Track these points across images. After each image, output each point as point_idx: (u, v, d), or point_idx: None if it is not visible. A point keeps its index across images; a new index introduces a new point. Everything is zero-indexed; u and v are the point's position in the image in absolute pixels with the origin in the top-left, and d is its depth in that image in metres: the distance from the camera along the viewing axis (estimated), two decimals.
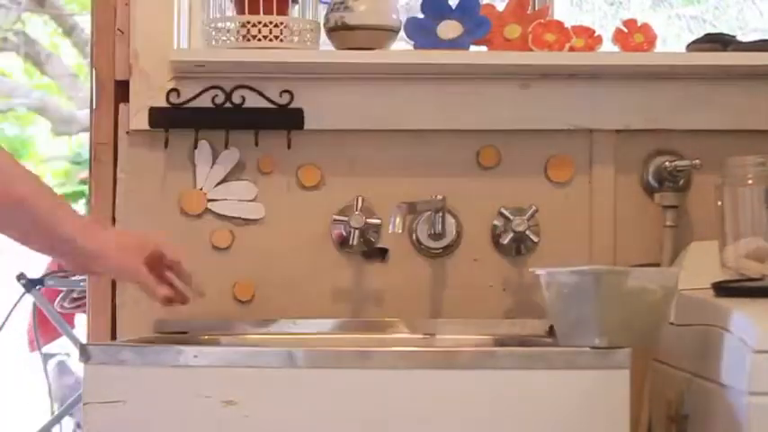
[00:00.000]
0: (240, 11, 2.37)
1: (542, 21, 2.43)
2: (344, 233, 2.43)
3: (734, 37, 2.48)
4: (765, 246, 2.10)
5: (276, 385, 1.80)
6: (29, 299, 4.11)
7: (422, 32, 2.43)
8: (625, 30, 2.45)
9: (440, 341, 2.35)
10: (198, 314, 2.32)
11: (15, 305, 4.09)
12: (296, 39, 2.38)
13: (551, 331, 2.23)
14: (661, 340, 1.92)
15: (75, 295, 4.23)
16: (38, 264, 4.61)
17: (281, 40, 2.36)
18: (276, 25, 2.35)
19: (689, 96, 2.46)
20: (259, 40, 2.35)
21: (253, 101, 2.44)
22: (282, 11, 2.37)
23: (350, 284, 2.47)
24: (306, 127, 2.45)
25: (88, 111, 2.44)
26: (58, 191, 4.14)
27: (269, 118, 2.44)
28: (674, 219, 2.43)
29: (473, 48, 2.44)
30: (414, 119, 2.46)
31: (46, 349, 4.59)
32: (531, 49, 2.41)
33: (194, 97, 2.44)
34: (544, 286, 1.92)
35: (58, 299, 4.28)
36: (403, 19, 2.44)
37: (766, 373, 1.76)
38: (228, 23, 2.38)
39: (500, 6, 2.46)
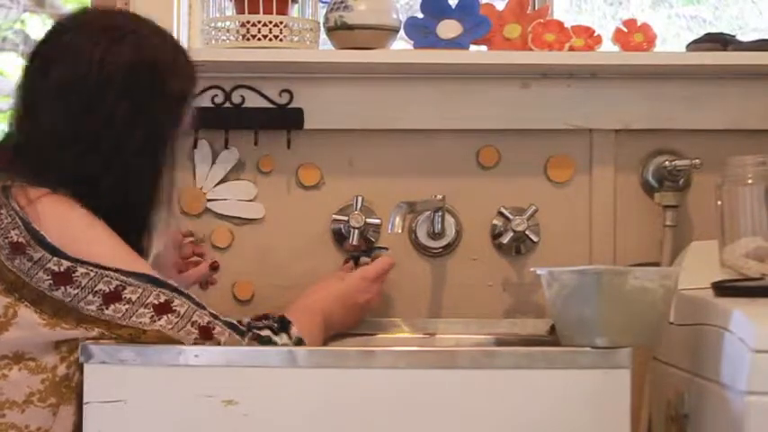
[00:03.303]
0: (240, 10, 2.37)
1: (542, 20, 2.43)
2: (344, 232, 2.43)
3: (734, 36, 2.48)
4: (765, 245, 2.10)
5: (277, 385, 1.80)
6: None
7: (421, 32, 2.43)
8: (625, 29, 2.45)
9: (440, 341, 2.35)
10: None
11: None
12: (296, 38, 2.38)
13: (552, 331, 2.23)
14: (661, 340, 1.92)
15: None
16: None
17: (281, 40, 2.36)
18: (276, 25, 2.35)
19: (689, 96, 2.46)
20: (259, 39, 2.35)
21: (252, 100, 2.44)
22: (282, 10, 2.37)
23: None
24: (305, 127, 2.45)
25: None
26: None
27: (268, 118, 2.45)
28: (674, 218, 2.43)
29: (473, 47, 2.44)
30: (414, 119, 2.46)
31: None
32: (530, 49, 2.41)
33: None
34: (545, 286, 1.92)
35: None
36: (403, 18, 2.44)
37: (766, 372, 1.76)
38: (228, 23, 2.38)
39: (500, 6, 2.46)
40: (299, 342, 1.95)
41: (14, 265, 1.82)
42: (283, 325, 1.96)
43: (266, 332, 1.93)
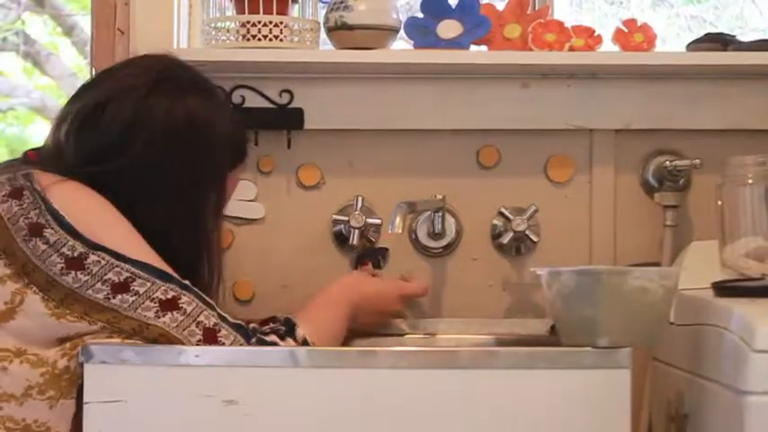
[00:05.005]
0: (240, 10, 2.37)
1: (542, 20, 2.43)
2: (344, 233, 2.43)
3: (734, 36, 2.48)
4: (765, 245, 2.10)
5: (277, 384, 1.80)
6: None
7: (421, 32, 2.43)
8: (625, 29, 2.45)
9: (440, 341, 2.35)
10: None
11: None
12: (296, 38, 2.38)
13: (552, 331, 2.23)
14: (661, 340, 1.92)
15: None
16: None
17: (281, 40, 2.36)
18: (276, 25, 2.35)
19: (689, 96, 2.46)
20: (259, 39, 2.35)
21: (252, 100, 2.44)
22: (282, 10, 2.37)
23: None
24: (306, 127, 2.45)
25: None
26: None
27: (268, 118, 2.45)
28: (674, 218, 2.44)
29: (473, 47, 2.44)
30: (414, 119, 2.46)
31: None
32: (531, 49, 2.41)
33: None
34: (545, 286, 1.92)
35: None
36: (403, 18, 2.44)
37: (766, 373, 1.76)
38: (228, 23, 2.38)
39: (500, 6, 2.47)
40: (305, 344, 1.96)
41: (29, 247, 1.83)
42: (289, 328, 1.97)
43: (272, 337, 1.93)
